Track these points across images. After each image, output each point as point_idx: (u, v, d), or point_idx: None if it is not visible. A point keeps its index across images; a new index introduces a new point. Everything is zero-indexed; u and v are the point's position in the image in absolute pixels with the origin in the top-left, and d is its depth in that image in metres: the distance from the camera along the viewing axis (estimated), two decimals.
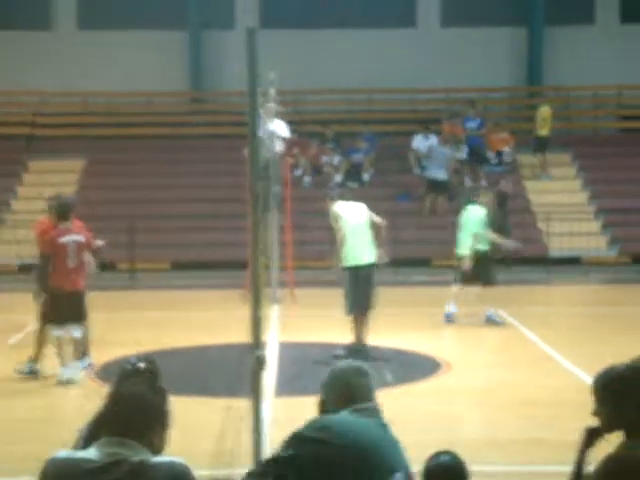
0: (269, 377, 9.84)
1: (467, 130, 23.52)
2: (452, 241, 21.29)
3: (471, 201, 14.57)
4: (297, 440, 3.47)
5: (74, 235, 10.71)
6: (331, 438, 3.42)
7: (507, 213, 20.18)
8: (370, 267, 11.90)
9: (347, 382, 3.76)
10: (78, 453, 3.38)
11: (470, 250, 14.19)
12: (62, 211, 10.76)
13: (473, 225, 14.18)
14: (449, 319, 14.24)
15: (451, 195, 22.53)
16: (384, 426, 3.71)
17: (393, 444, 3.66)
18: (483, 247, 14.33)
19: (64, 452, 3.43)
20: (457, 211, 22.07)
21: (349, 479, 3.39)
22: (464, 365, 11.37)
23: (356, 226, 11.81)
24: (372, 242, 11.94)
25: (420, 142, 23.23)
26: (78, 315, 10.75)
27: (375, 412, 3.74)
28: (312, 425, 3.53)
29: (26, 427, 8.85)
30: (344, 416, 3.62)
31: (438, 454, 3.84)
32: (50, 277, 10.59)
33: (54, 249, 10.56)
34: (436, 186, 22.27)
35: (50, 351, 10.84)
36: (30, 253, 11.35)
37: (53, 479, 3.29)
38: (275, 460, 3.47)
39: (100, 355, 11.36)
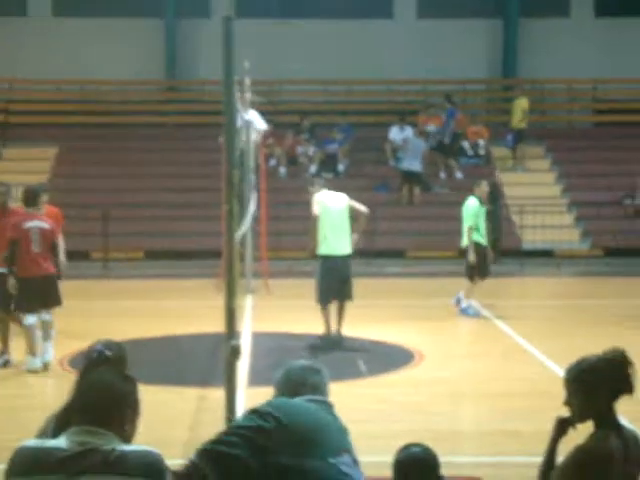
0: (242, 367, 9.84)
1: (443, 122, 23.55)
2: (427, 233, 21.51)
3: (471, 193, 14.41)
4: (255, 414, 3.53)
5: (39, 221, 10.65)
6: (282, 416, 3.48)
7: (499, 206, 20.28)
8: (345, 258, 11.92)
9: (301, 379, 3.81)
10: (48, 442, 3.36)
11: (469, 242, 14.00)
12: (27, 197, 10.72)
13: (468, 217, 14.09)
14: (467, 312, 14.05)
15: (426, 186, 22.60)
16: (334, 414, 3.76)
17: (341, 430, 3.71)
18: (481, 240, 14.08)
19: (33, 441, 3.41)
20: (433, 203, 22.33)
21: (296, 454, 3.43)
22: (437, 356, 11.42)
23: (337, 216, 11.84)
24: (350, 233, 11.96)
25: (396, 134, 23.28)
26: (49, 300, 10.71)
27: (326, 404, 3.78)
28: (267, 403, 3.60)
29: (5, 416, 8.81)
30: (296, 400, 3.69)
31: (409, 446, 3.85)
32: (17, 263, 10.48)
33: (18, 234, 10.47)
34: (410, 177, 22.32)
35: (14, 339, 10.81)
36: None
37: (22, 468, 3.26)
38: (239, 427, 3.50)
39: (74, 344, 11.31)
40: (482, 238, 14.18)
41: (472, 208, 14.08)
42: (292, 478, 3.40)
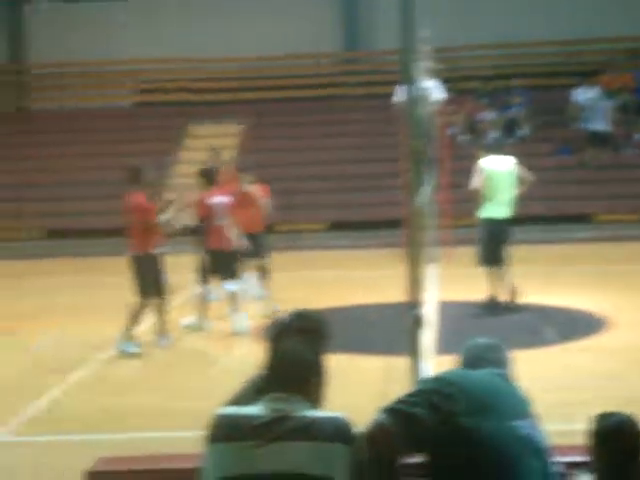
0: (429, 336, 9.86)
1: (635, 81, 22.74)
2: (616, 196, 20.83)
3: None
4: (436, 380, 3.64)
5: (223, 197, 11.35)
6: (460, 382, 3.58)
7: None
8: (506, 222, 11.91)
9: (481, 355, 3.89)
10: (244, 409, 3.47)
11: None
12: (206, 176, 11.47)
13: None
14: None
15: (615, 147, 21.90)
16: (513, 385, 3.76)
17: (521, 398, 3.72)
18: None
19: (230, 408, 3.53)
20: (623, 164, 21.61)
21: (474, 417, 3.48)
22: (630, 323, 11.09)
23: (501, 180, 11.80)
24: (513, 197, 11.93)
25: (580, 94, 22.63)
26: (228, 273, 11.29)
27: (505, 376, 3.79)
28: (447, 371, 3.75)
29: (200, 383, 9.17)
30: (475, 371, 3.77)
31: (611, 414, 3.69)
32: (207, 237, 11.18)
33: (205, 210, 11.17)
34: (597, 138, 21.69)
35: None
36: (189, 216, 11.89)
37: (221, 434, 3.38)
38: (420, 390, 3.60)
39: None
40: None
41: None
42: (469, 440, 3.45)
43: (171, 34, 25.51)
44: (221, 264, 11.21)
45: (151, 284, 10.48)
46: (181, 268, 12.25)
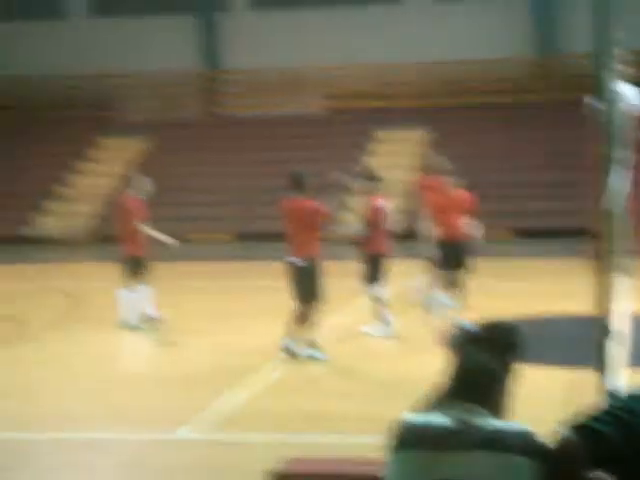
0: (622, 349, 9.53)
1: None
2: None
3: None
4: (628, 396, 3.48)
5: (387, 202, 11.71)
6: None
7: None
8: None
9: None
10: (428, 418, 3.44)
11: None
12: (373, 181, 11.77)
13: None
14: None
15: None
16: None
17: None
18: None
19: (414, 416, 3.51)
20: None
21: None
22: None
23: None
24: None
25: None
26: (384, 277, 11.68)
27: None
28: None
29: (376, 389, 9.19)
30: None
31: None
32: (372, 242, 11.46)
33: (375, 215, 11.47)
34: None
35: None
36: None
37: (407, 441, 3.36)
38: (611, 406, 3.47)
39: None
40: None
41: None
42: None
43: (358, 41, 25.70)
44: (380, 269, 11.48)
45: (312, 291, 10.50)
46: (347, 275, 12.37)
